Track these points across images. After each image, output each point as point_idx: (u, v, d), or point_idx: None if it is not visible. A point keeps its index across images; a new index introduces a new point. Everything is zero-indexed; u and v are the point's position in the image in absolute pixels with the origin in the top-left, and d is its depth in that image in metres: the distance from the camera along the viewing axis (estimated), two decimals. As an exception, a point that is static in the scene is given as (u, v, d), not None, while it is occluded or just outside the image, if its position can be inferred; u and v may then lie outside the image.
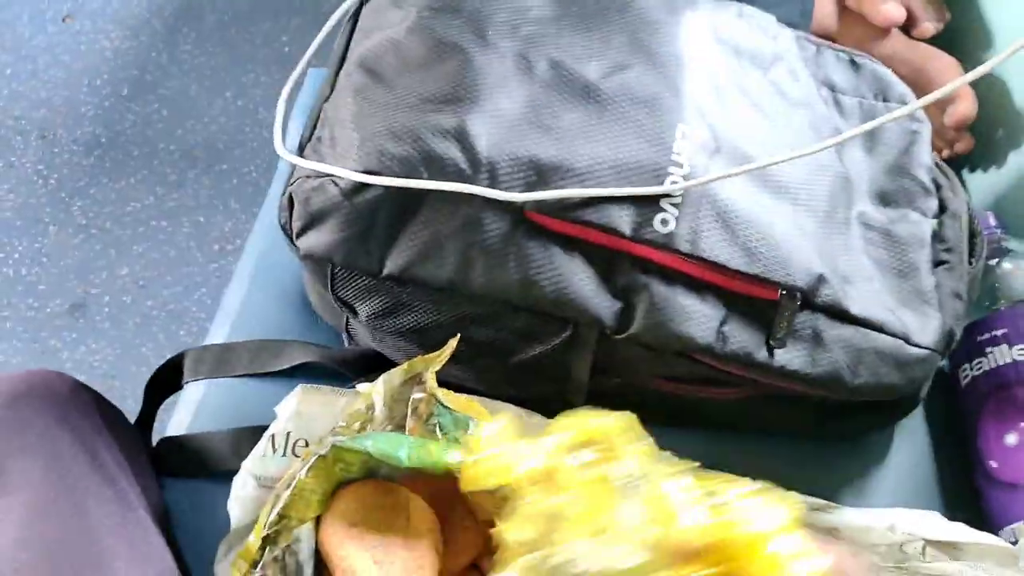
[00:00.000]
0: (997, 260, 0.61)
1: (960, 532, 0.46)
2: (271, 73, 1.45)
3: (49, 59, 1.41)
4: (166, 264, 1.22)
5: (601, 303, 0.46)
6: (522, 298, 0.46)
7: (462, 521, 0.48)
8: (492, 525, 0.45)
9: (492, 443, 0.42)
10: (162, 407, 0.57)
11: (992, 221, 0.66)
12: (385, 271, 0.47)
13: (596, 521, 0.40)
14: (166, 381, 0.57)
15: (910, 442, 0.58)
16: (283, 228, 0.49)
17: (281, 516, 0.41)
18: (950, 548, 0.46)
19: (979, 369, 0.56)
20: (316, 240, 0.47)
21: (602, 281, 0.47)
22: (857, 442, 0.57)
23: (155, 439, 0.55)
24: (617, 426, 0.43)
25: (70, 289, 1.18)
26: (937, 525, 0.47)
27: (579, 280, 0.46)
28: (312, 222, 0.47)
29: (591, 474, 0.41)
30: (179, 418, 0.56)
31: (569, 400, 0.52)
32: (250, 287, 0.61)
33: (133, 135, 1.34)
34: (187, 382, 0.56)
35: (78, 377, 0.50)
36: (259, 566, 0.40)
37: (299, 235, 0.48)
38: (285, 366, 0.55)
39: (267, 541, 0.41)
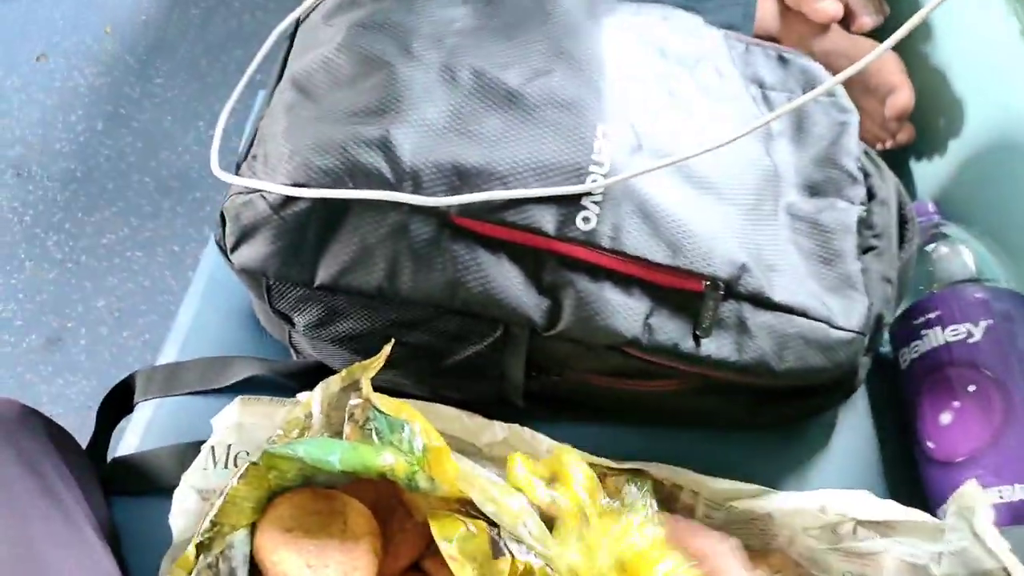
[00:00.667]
0: (934, 245, 0.62)
1: (889, 510, 0.47)
2: (243, 99, 1.47)
3: (24, 97, 1.43)
4: (141, 294, 1.23)
5: (529, 302, 0.47)
6: (450, 300, 0.47)
7: (403, 524, 0.49)
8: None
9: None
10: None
11: (931, 207, 0.67)
12: (317, 281, 0.48)
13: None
14: (118, 403, 0.58)
15: (854, 428, 0.59)
16: (218, 244, 0.50)
17: (214, 524, 0.42)
18: (881, 527, 0.47)
19: (916, 352, 0.57)
20: (249, 254, 0.48)
21: (529, 280, 0.48)
22: (800, 429, 0.57)
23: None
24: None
25: (46, 323, 1.20)
26: (867, 504, 0.47)
27: (506, 280, 0.47)
28: (244, 237, 0.48)
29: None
30: (129, 438, 0.56)
31: (507, 400, 0.53)
32: (201, 305, 0.62)
33: (108, 168, 1.36)
34: (138, 402, 0.57)
35: (55, 409, 0.51)
36: (193, 573, 0.41)
37: (232, 250, 0.49)
38: (233, 381, 0.56)
39: (201, 548, 0.42)
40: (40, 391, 1.13)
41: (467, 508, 0.45)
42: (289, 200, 0.47)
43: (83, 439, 0.55)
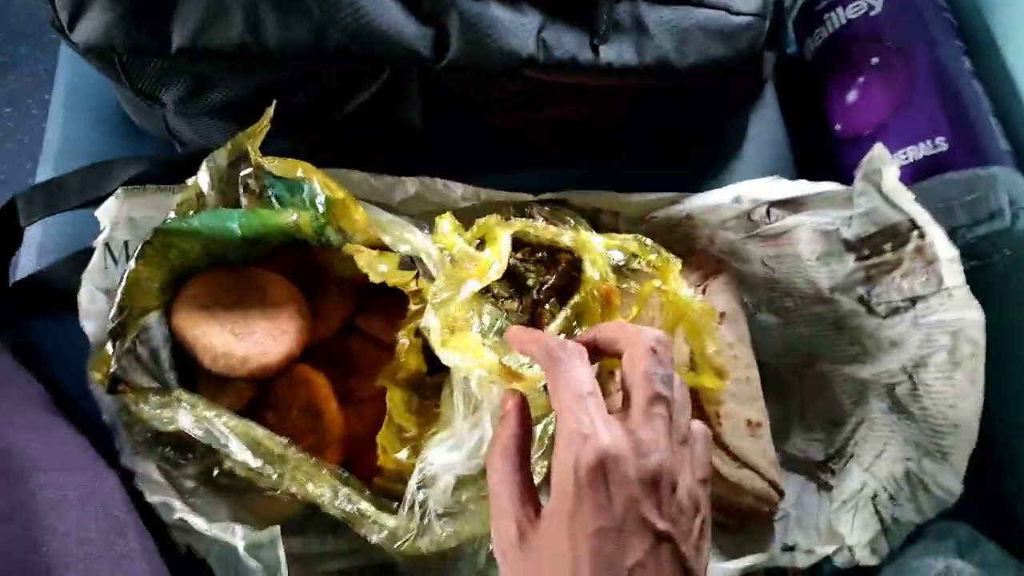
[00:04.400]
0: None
1: (800, 187, 0.48)
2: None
3: None
4: (23, 152, 1.13)
5: (411, 32, 0.44)
6: (324, 44, 0.43)
7: (328, 288, 0.48)
8: (364, 286, 0.45)
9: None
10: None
11: None
12: (174, 46, 0.43)
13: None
14: (5, 233, 0.54)
15: (766, 127, 0.59)
16: (54, 26, 0.44)
17: (122, 308, 0.40)
18: (792, 205, 0.48)
19: (820, 39, 0.55)
20: (89, 28, 0.43)
21: (407, 8, 0.44)
22: (714, 136, 0.57)
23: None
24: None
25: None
26: (779, 186, 0.48)
27: (381, 11, 0.43)
28: (79, 7, 0.43)
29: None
30: (25, 262, 0.53)
31: (411, 151, 0.50)
32: (66, 119, 0.57)
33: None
34: (25, 226, 0.53)
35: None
36: (113, 361, 0.40)
37: (70, 28, 0.43)
38: (118, 184, 0.52)
39: (115, 336, 0.40)
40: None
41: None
42: (118, -46, 0.41)
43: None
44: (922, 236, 0.45)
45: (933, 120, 0.49)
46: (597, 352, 0.37)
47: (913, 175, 0.49)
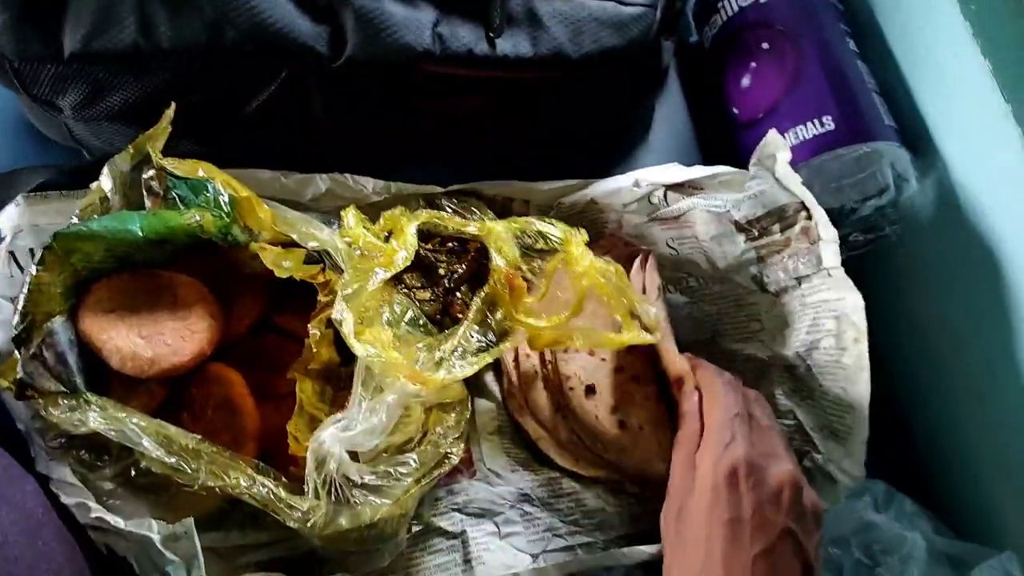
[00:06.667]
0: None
1: (696, 171, 0.50)
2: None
3: None
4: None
5: (306, 29, 0.44)
6: (217, 42, 0.43)
7: (240, 288, 0.49)
8: (278, 284, 0.45)
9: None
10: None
11: None
12: (66, 51, 0.43)
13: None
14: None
15: (671, 114, 0.61)
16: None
17: (24, 314, 0.40)
18: (687, 188, 0.50)
19: (715, 27, 0.57)
20: (-23, 35, 0.43)
21: (300, 6, 0.44)
22: (620, 123, 0.58)
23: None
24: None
25: None
26: (675, 171, 0.50)
27: (275, 9, 0.43)
28: (-36, 16, 0.42)
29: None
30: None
31: (319, 147, 0.51)
32: (-31, 127, 0.56)
33: None
34: (-70, 239, 0.53)
35: None
36: (19, 367, 0.40)
37: (-43, 34, 0.43)
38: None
39: (19, 342, 0.40)
40: None
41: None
42: (1, -40, 0.41)
43: None
44: (809, 217, 0.47)
45: (821, 100, 0.52)
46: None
47: (805, 153, 0.51)
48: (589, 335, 0.44)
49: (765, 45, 0.54)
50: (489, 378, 0.52)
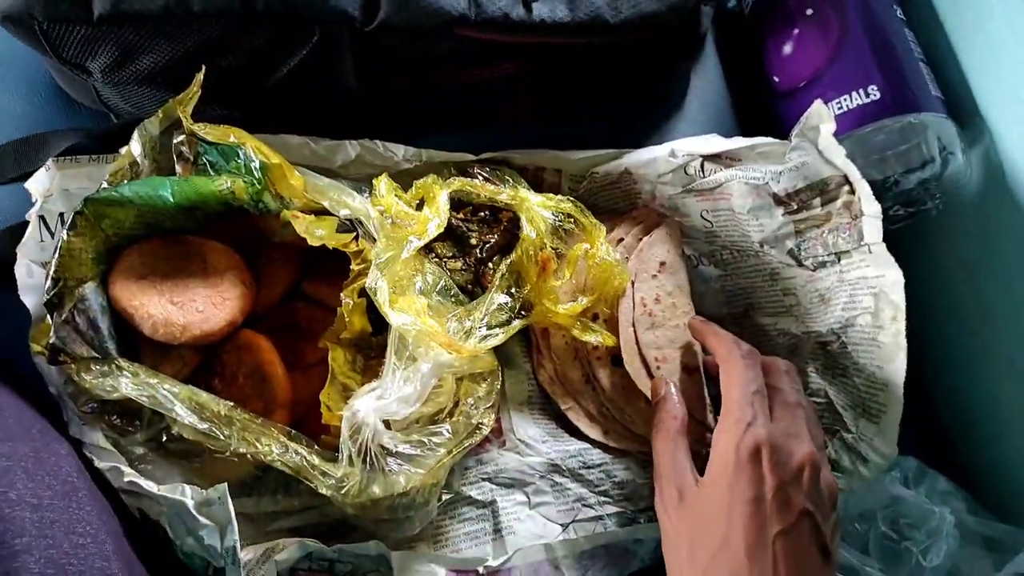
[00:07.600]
0: None
1: (735, 142, 0.48)
2: None
3: None
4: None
5: (338, -7, 0.43)
6: (249, 4, 0.42)
7: (270, 255, 0.48)
8: (309, 252, 0.45)
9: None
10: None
11: None
12: (96, 12, 0.42)
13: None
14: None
15: (708, 83, 0.59)
16: (-32, -6, 0.43)
17: (56, 280, 0.40)
18: (725, 159, 0.49)
19: (757, -9, 0.56)
20: (7, -5, 0.42)
21: (333, -32, 0.43)
22: (655, 91, 0.57)
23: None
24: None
25: None
26: (714, 141, 0.49)
27: (307, -29, 0.42)
28: (-6, -25, 0.42)
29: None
30: (-39, 238, 0.52)
31: (349, 113, 0.50)
32: (-3, 90, 0.55)
33: None
34: (-40, 204, 0.53)
35: None
36: (52, 332, 0.40)
37: (-14, -5, 0.42)
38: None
39: (51, 307, 0.40)
40: None
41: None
42: (30, -82, 0.40)
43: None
44: (852, 192, 0.46)
45: (866, 69, 0.50)
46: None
47: (848, 124, 0.50)
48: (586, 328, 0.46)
49: (809, 11, 0.52)
50: (518, 348, 0.51)
